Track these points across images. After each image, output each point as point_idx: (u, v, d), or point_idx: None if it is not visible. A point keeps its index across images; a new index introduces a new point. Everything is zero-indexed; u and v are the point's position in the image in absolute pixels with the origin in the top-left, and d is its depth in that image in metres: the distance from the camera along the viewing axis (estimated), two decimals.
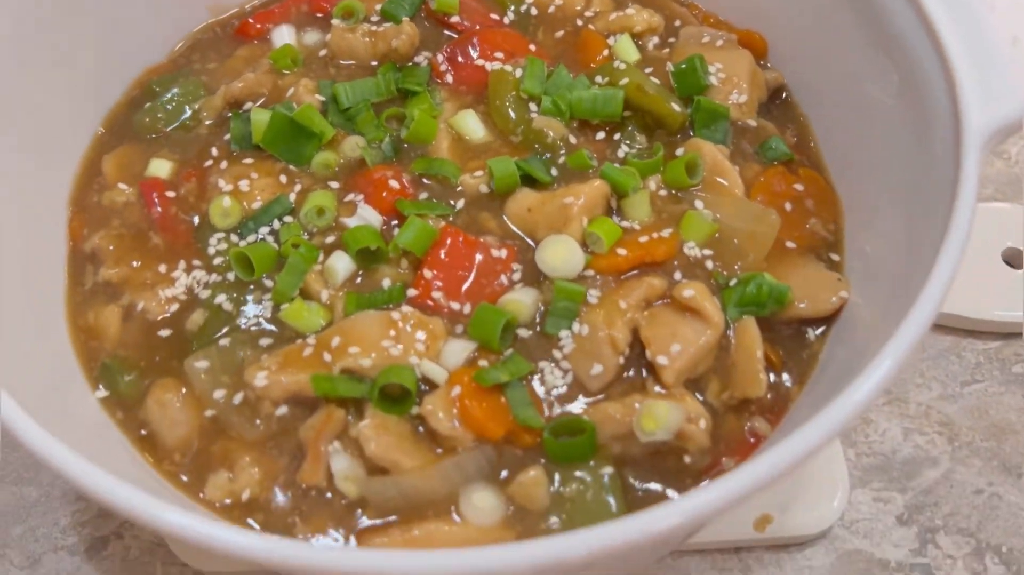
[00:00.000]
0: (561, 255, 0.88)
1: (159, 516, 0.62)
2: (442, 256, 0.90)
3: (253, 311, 0.88)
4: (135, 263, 0.92)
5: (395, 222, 0.93)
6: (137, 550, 1.00)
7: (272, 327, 0.88)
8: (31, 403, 0.68)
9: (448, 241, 0.90)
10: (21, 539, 1.01)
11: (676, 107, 0.98)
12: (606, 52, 1.06)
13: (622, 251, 0.89)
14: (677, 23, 1.11)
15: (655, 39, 1.08)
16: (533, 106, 1.00)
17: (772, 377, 0.88)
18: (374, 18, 1.09)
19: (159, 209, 0.95)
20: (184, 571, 0.99)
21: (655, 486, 0.83)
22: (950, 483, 1.04)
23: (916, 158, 0.88)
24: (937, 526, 1.02)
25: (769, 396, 0.86)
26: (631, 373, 0.85)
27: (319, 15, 1.12)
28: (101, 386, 0.87)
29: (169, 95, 1.04)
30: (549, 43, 1.08)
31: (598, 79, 1.02)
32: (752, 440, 0.85)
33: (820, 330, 0.91)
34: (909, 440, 1.07)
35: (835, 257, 0.96)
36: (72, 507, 1.03)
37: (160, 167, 0.99)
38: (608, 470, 0.81)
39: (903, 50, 0.89)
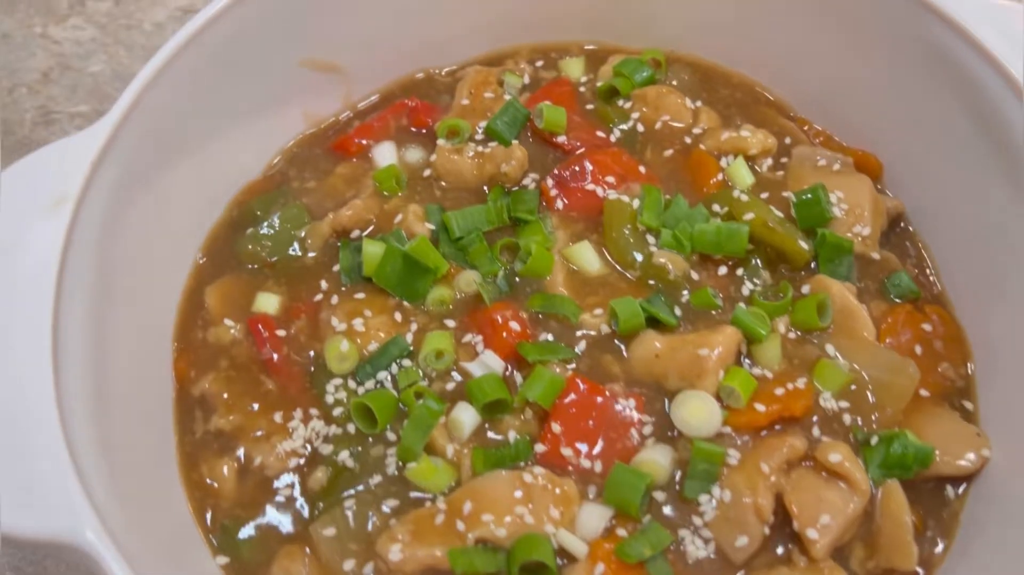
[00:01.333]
0: (700, 413, 0.85)
1: None
2: (570, 407, 0.86)
3: (378, 470, 0.84)
4: (248, 407, 0.89)
5: (515, 366, 0.90)
6: None
7: (398, 488, 0.84)
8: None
9: (573, 392, 0.87)
10: None
11: (804, 245, 0.95)
12: (720, 176, 1.03)
13: (760, 406, 0.86)
14: (788, 140, 1.08)
15: (768, 160, 1.05)
16: (651, 238, 0.97)
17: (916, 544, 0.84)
18: (478, 136, 1.05)
19: (272, 352, 0.92)
20: None
21: None
22: None
23: None
24: None
25: (916, 566, 0.83)
26: (776, 546, 0.82)
27: (419, 130, 1.08)
28: (220, 550, 0.83)
29: (271, 221, 1.00)
30: (658, 162, 1.05)
31: (715, 207, 0.99)
32: None
33: (960, 488, 0.88)
34: None
35: (968, 405, 0.93)
36: None
37: (268, 302, 0.95)
38: None
39: None
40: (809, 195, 0.98)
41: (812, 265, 0.97)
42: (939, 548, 0.86)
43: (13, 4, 1.53)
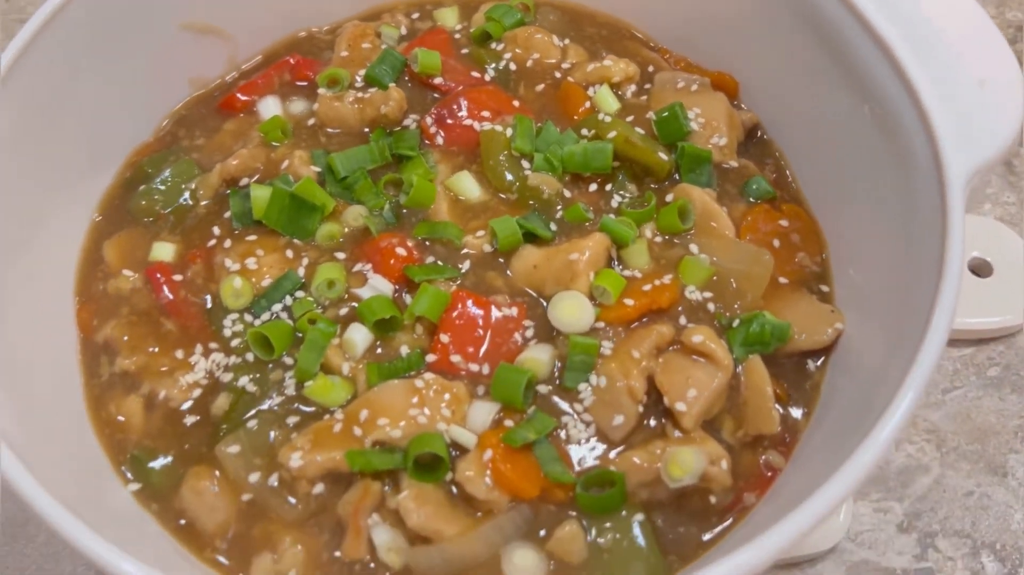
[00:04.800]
0: (573, 311, 0.91)
1: None
2: (456, 319, 0.92)
3: (277, 391, 0.89)
4: (151, 350, 0.93)
5: (405, 289, 0.96)
6: None
7: (298, 405, 0.89)
8: (71, 503, 0.69)
9: (460, 304, 0.93)
10: None
11: (663, 156, 1.03)
12: (588, 104, 1.10)
13: (629, 301, 0.93)
14: (651, 68, 1.15)
15: (632, 87, 1.13)
16: (525, 163, 1.04)
17: (780, 410, 0.92)
18: (358, 83, 1.11)
19: (169, 294, 0.96)
20: None
21: (684, 528, 0.86)
22: (943, 488, 1.11)
23: (896, 192, 0.94)
24: (935, 530, 1.08)
25: (779, 429, 0.91)
26: (650, 421, 0.89)
27: (302, 83, 1.13)
28: (132, 479, 0.87)
29: (163, 176, 1.04)
30: (531, 97, 1.12)
31: (584, 132, 1.06)
32: (769, 474, 0.89)
33: (819, 361, 0.96)
34: (901, 450, 1.13)
35: (825, 288, 1.01)
36: None
37: (163, 250, 0.99)
38: (639, 517, 0.84)
39: (874, 89, 0.95)
40: (667, 112, 1.05)
41: (676, 177, 1.05)
42: (801, 414, 0.93)
43: None
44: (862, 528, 1.08)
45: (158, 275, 0.97)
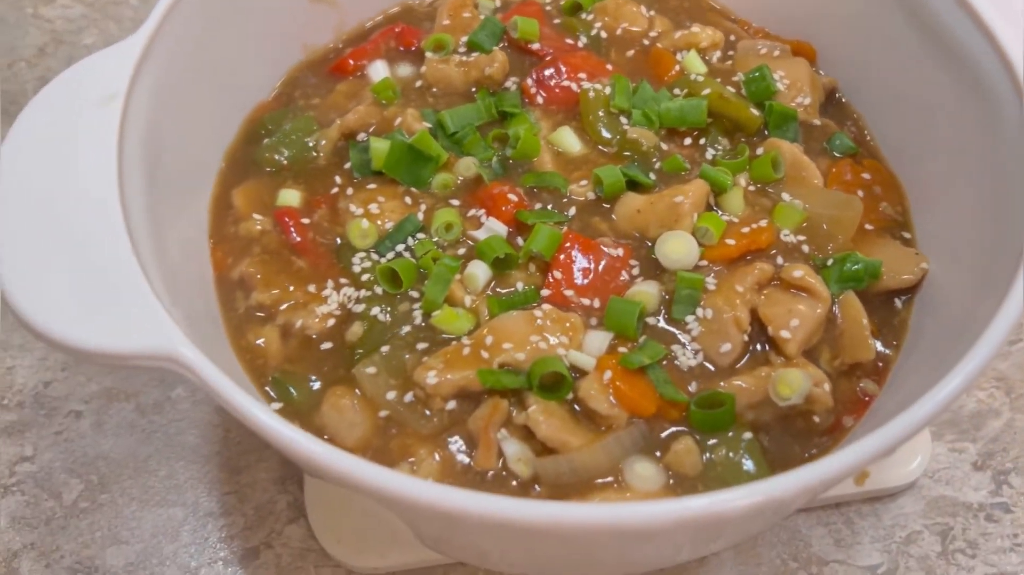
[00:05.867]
0: (680, 248, 0.98)
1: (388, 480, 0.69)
2: (567, 258, 0.99)
3: (406, 320, 0.96)
4: (285, 285, 1.00)
5: (517, 233, 1.02)
6: (288, 557, 1.07)
7: (426, 333, 0.96)
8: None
9: (570, 244, 0.99)
10: (175, 555, 1.07)
11: (755, 111, 1.10)
12: (677, 68, 1.17)
13: (730, 241, 1.00)
14: (732, 38, 1.23)
15: (717, 53, 1.20)
16: (623, 119, 1.11)
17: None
18: (461, 49, 1.18)
19: (297, 236, 1.03)
20: (336, 572, 1.06)
21: (788, 446, 0.93)
22: (1013, 430, 1.17)
23: (979, 148, 1.00)
24: (1008, 468, 1.14)
25: (874, 357, 0.97)
26: (756, 348, 0.95)
27: (408, 48, 1.21)
28: (275, 398, 0.94)
29: (284, 130, 1.11)
30: (623, 62, 1.19)
31: (676, 91, 1.13)
32: (866, 399, 0.96)
33: (905, 298, 1.03)
34: (972, 396, 1.19)
35: (907, 235, 1.07)
36: (219, 522, 1.09)
37: (290, 196, 1.06)
38: (747, 435, 0.91)
39: (958, 48, 1.02)
40: (756, 73, 1.13)
41: (764, 132, 1.12)
42: (891, 350, 1.00)
43: None
44: (939, 466, 1.14)
45: (286, 218, 1.04)
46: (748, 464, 0.90)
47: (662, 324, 0.96)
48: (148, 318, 0.76)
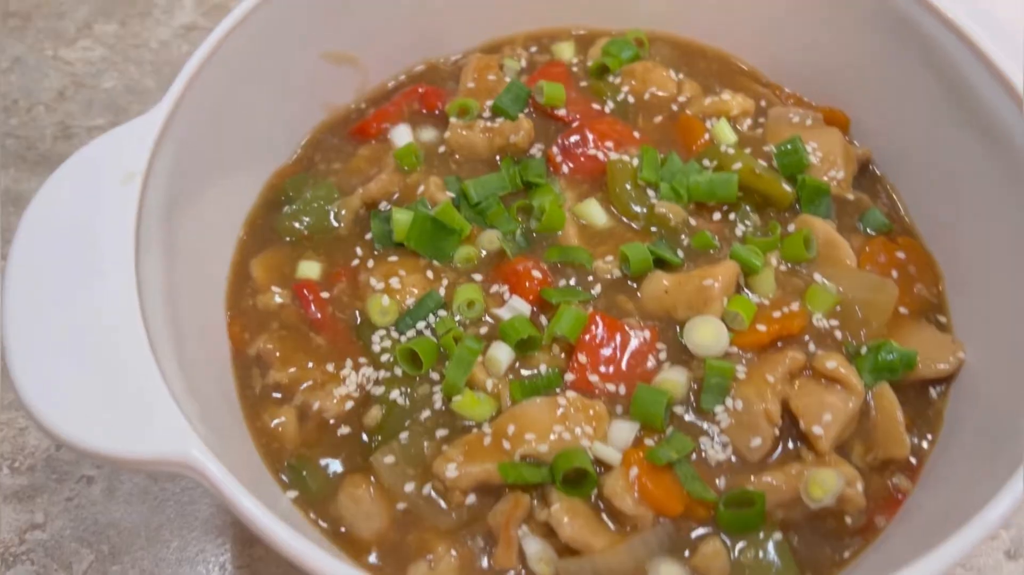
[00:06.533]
0: (710, 335, 0.95)
1: None
2: (592, 340, 0.96)
3: (426, 404, 0.93)
4: (303, 363, 0.97)
5: (541, 311, 1.00)
6: None
7: (446, 419, 0.93)
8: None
9: (595, 326, 0.97)
10: None
11: (787, 187, 1.07)
12: (706, 136, 1.14)
13: (761, 327, 0.97)
14: (763, 103, 1.20)
15: (748, 121, 1.17)
16: (651, 192, 1.08)
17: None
18: (486, 114, 1.16)
19: (317, 312, 1.01)
20: None
21: (819, 547, 0.89)
22: None
23: (1015, 225, 0.97)
24: None
25: (908, 453, 0.94)
26: (785, 444, 0.92)
27: (431, 112, 1.18)
28: (290, 486, 0.92)
29: (304, 198, 1.09)
30: (650, 128, 1.16)
31: (706, 162, 1.10)
32: (899, 496, 0.92)
33: (941, 388, 0.99)
34: None
35: (943, 319, 1.04)
36: None
37: (310, 268, 1.04)
38: (777, 536, 0.88)
39: (993, 124, 0.99)
40: (788, 145, 1.10)
41: (795, 208, 1.09)
42: (926, 443, 0.96)
43: (23, 30, 1.61)
44: (970, 554, 1.10)
45: (306, 292, 1.02)
46: (777, 565, 0.87)
47: (690, 416, 0.93)
48: (162, 423, 0.74)
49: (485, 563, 0.87)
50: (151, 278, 0.86)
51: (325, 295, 1.02)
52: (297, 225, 1.08)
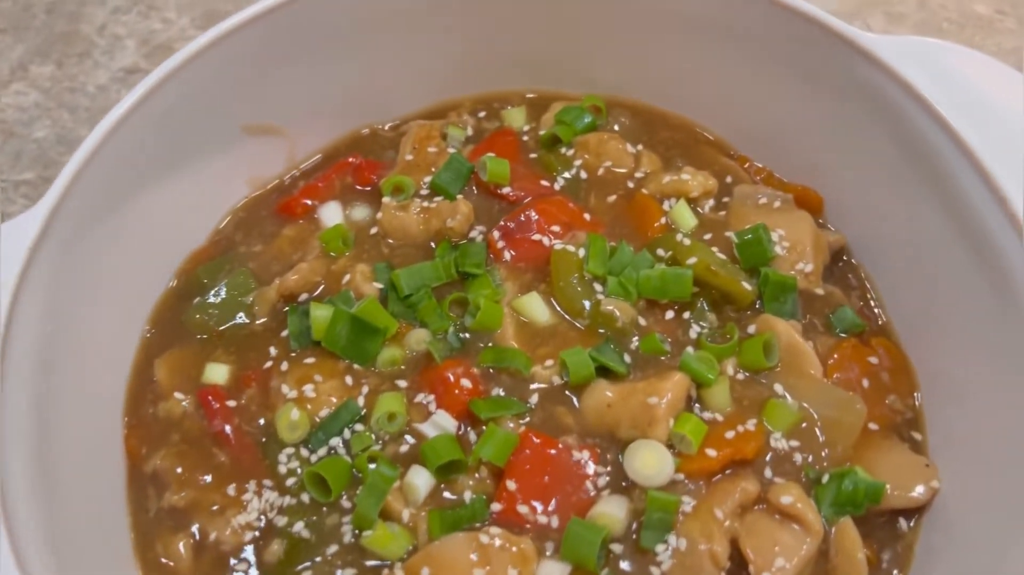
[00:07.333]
0: (652, 463, 0.85)
1: None
2: (523, 464, 0.87)
3: (333, 538, 0.84)
4: (202, 482, 0.88)
5: (469, 425, 0.90)
6: None
7: (354, 555, 0.84)
8: None
9: (528, 448, 0.87)
10: None
11: (747, 286, 0.97)
12: (663, 219, 1.04)
13: (711, 452, 0.87)
14: (728, 179, 1.09)
15: (711, 201, 1.07)
16: (598, 286, 0.98)
17: None
18: (423, 191, 1.06)
19: (221, 423, 0.91)
20: None
21: None
22: None
23: (997, 327, 0.88)
24: None
25: None
26: None
27: (365, 188, 1.09)
28: None
29: (218, 289, 0.99)
30: (603, 209, 1.06)
31: (660, 252, 1.00)
32: None
33: (912, 520, 0.89)
34: None
35: (918, 436, 0.94)
36: None
37: (217, 372, 0.95)
38: None
39: (974, 218, 0.90)
40: (750, 235, 0.99)
41: (757, 304, 0.99)
42: None
43: None
44: None
45: (211, 400, 0.93)
46: None
47: (626, 559, 0.83)
48: None
49: None
50: (15, 409, 0.77)
51: (232, 403, 0.93)
52: (208, 320, 0.98)
